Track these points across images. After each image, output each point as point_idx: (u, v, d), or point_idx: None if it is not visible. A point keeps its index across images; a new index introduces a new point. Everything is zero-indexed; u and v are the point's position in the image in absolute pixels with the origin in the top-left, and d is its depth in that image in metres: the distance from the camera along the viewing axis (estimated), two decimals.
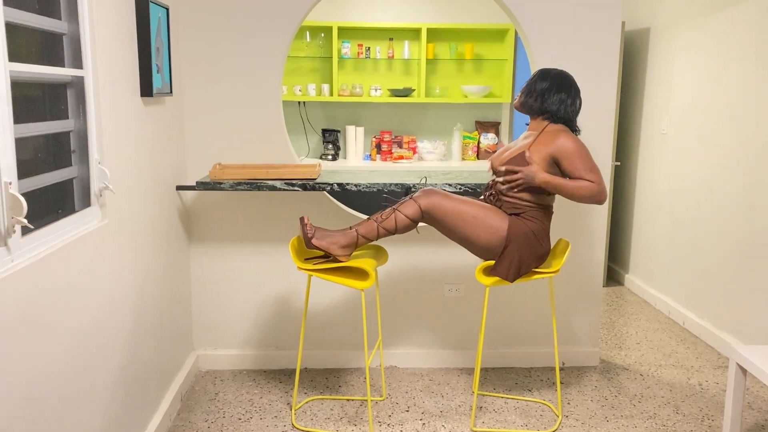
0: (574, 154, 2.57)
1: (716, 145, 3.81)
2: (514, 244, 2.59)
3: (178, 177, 3.07)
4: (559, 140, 2.59)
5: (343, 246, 2.61)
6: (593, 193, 2.55)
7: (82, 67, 2.05)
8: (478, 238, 2.62)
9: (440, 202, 2.61)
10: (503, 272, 2.61)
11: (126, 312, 2.35)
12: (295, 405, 2.93)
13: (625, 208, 5.01)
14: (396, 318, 3.38)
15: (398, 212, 2.62)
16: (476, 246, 2.66)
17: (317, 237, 2.60)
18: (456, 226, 2.62)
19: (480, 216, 2.61)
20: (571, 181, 2.57)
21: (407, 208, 2.62)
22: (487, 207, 2.66)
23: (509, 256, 2.60)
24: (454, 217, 2.61)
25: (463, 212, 2.61)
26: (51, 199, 1.96)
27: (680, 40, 4.23)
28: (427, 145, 5.20)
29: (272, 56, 3.13)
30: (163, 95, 2.71)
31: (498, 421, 2.90)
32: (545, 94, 2.66)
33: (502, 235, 2.60)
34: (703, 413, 3.00)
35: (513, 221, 2.61)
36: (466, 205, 2.63)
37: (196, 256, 3.28)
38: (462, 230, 2.62)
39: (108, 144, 2.18)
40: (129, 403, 2.39)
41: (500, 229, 2.60)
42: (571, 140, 2.59)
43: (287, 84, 5.18)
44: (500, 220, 2.62)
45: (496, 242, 2.61)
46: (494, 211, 2.64)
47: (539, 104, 2.67)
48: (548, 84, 2.66)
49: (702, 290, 3.94)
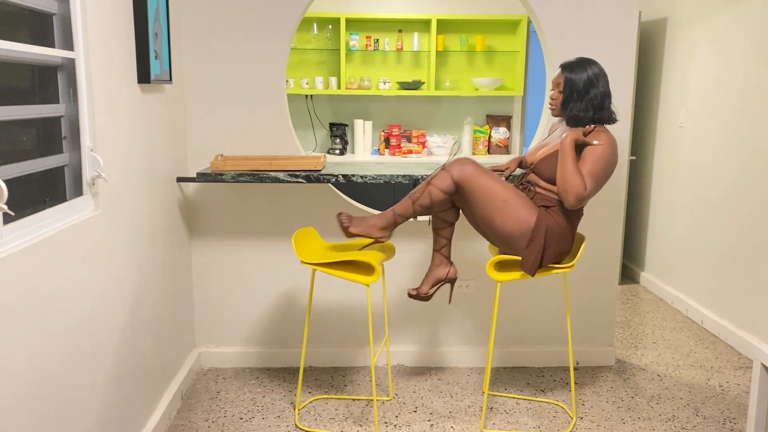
0: (594, 152, 2.46)
1: (736, 139, 3.67)
2: (541, 238, 2.46)
3: (178, 169, 2.97)
4: (596, 137, 2.49)
5: (381, 228, 2.54)
6: (578, 192, 2.39)
7: (73, 49, 1.95)
8: (502, 224, 2.47)
9: (474, 174, 2.47)
10: (527, 266, 2.48)
11: (122, 306, 2.26)
12: (298, 404, 2.83)
13: (641, 204, 4.87)
14: (404, 315, 3.27)
15: (431, 186, 2.49)
16: (498, 233, 2.51)
17: (354, 225, 2.53)
18: (483, 206, 2.47)
19: (511, 201, 2.47)
20: (577, 168, 2.43)
21: (440, 181, 2.49)
22: (519, 194, 2.51)
23: (536, 249, 2.46)
24: (484, 196, 2.46)
25: (495, 193, 2.46)
26: (40, 186, 1.87)
27: (699, 30, 4.09)
28: (437, 139, 5.09)
29: (276, 44, 3.03)
30: (162, 83, 2.61)
31: (509, 423, 2.78)
32: (601, 100, 2.53)
33: (528, 227, 2.46)
34: (725, 416, 2.87)
35: (542, 213, 2.48)
36: (499, 186, 2.48)
37: (197, 250, 3.19)
38: (487, 212, 2.48)
39: (101, 131, 2.09)
40: (126, 401, 2.30)
41: (527, 220, 2.46)
42: (605, 142, 2.47)
43: (294, 77, 5.08)
44: (529, 211, 2.47)
45: (519, 233, 2.47)
46: (525, 201, 2.50)
47: (593, 115, 2.54)
48: (597, 91, 2.52)
49: (721, 288, 3.80)
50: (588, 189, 2.41)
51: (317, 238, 2.81)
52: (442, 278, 2.67)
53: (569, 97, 2.53)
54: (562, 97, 2.55)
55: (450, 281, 2.69)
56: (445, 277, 2.67)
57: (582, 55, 3.02)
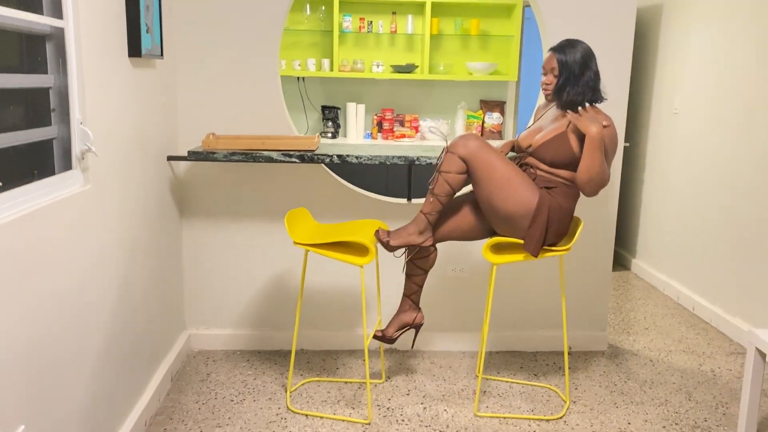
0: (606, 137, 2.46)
1: (730, 125, 3.66)
2: (543, 217, 2.43)
3: (169, 147, 2.91)
4: (598, 118, 2.46)
5: (420, 233, 2.52)
6: (605, 184, 2.45)
7: (62, 17, 1.89)
8: (504, 203, 2.43)
9: (479, 149, 2.43)
10: (531, 247, 2.45)
11: (110, 284, 2.21)
12: (290, 387, 2.80)
13: (634, 191, 4.86)
14: (397, 299, 3.24)
15: (443, 173, 2.45)
16: (499, 212, 2.47)
17: (393, 239, 2.51)
18: (485, 183, 2.44)
19: (514, 180, 2.43)
20: (604, 161, 2.44)
21: (450, 165, 2.45)
22: (521, 173, 2.48)
23: (539, 229, 2.44)
24: (487, 174, 2.43)
25: (498, 170, 2.43)
26: (28, 159, 1.82)
27: (694, 16, 4.07)
28: (430, 123, 5.04)
29: (270, 21, 2.96)
30: (153, 57, 2.55)
31: (503, 406, 2.77)
32: (595, 81, 2.51)
33: (530, 207, 2.43)
34: (717, 401, 2.87)
35: (543, 194, 2.45)
36: (502, 163, 2.45)
37: (188, 230, 3.13)
38: (490, 190, 2.44)
39: (91, 104, 2.03)
40: (115, 382, 2.25)
41: (529, 201, 2.43)
42: (609, 123, 2.47)
43: (286, 58, 5.01)
44: (531, 192, 2.44)
45: (521, 214, 2.44)
46: (528, 181, 2.47)
47: (586, 96, 2.51)
48: (591, 72, 2.50)
49: (713, 275, 3.81)
50: (609, 177, 2.47)
51: (310, 219, 2.77)
52: (409, 323, 2.72)
53: (566, 80, 2.49)
54: (559, 81, 2.51)
55: (416, 327, 2.73)
56: (412, 323, 2.72)
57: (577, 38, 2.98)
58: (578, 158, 2.47)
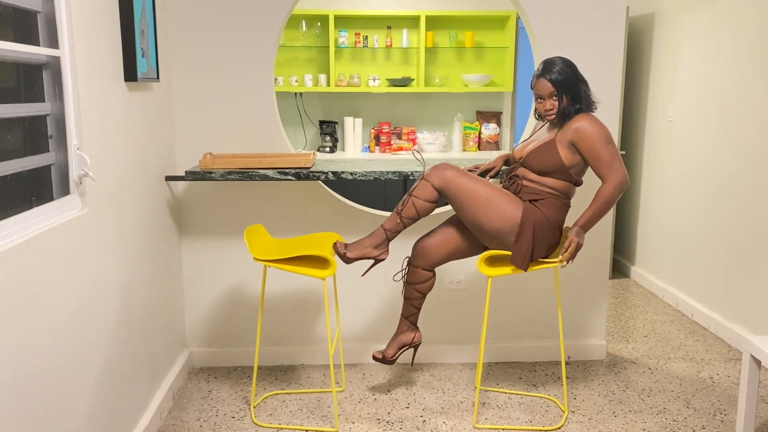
0: (590, 139, 2.45)
1: (725, 133, 3.69)
2: (529, 232, 2.47)
3: (167, 167, 2.95)
4: (578, 123, 2.47)
5: (375, 246, 2.58)
6: (621, 190, 2.48)
7: (59, 47, 1.93)
8: (489, 222, 2.49)
9: (454, 178, 2.50)
10: (519, 261, 2.49)
11: (111, 306, 2.24)
12: (253, 401, 2.82)
13: (631, 199, 4.89)
14: (396, 312, 3.27)
15: (414, 198, 2.53)
16: (486, 232, 2.52)
17: (349, 251, 2.57)
18: (468, 207, 2.49)
19: (493, 199, 2.49)
20: (601, 200, 2.47)
21: (422, 191, 2.52)
22: (501, 191, 2.53)
23: (525, 244, 2.47)
24: (467, 197, 2.49)
25: (476, 193, 2.48)
26: (26, 185, 1.86)
27: (686, 24, 4.11)
28: (427, 136, 5.09)
29: (264, 41, 3.01)
30: (149, 81, 2.60)
31: (502, 417, 2.79)
32: (587, 92, 2.54)
33: (515, 222, 2.47)
34: (715, 407, 2.89)
35: (528, 208, 2.49)
36: (479, 185, 2.50)
37: (187, 248, 3.17)
38: (473, 212, 2.49)
39: (88, 129, 2.07)
40: (117, 401, 2.28)
41: (513, 216, 2.47)
42: (589, 123, 2.46)
43: (283, 74, 5.06)
44: (514, 206, 2.49)
45: (507, 229, 2.48)
46: (509, 197, 2.52)
47: (588, 108, 2.55)
48: (581, 83, 2.53)
49: (711, 281, 3.82)
50: (618, 172, 2.46)
51: (266, 235, 2.82)
52: (408, 343, 2.75)
53: (571, 100, 2.50)
54: (563, 103, 2.50)
55: (414, 346, 2.77)
56: (411, 342, 2.75)
57: (559, 54, 3.01)
58: (565, 167, 2.50)
